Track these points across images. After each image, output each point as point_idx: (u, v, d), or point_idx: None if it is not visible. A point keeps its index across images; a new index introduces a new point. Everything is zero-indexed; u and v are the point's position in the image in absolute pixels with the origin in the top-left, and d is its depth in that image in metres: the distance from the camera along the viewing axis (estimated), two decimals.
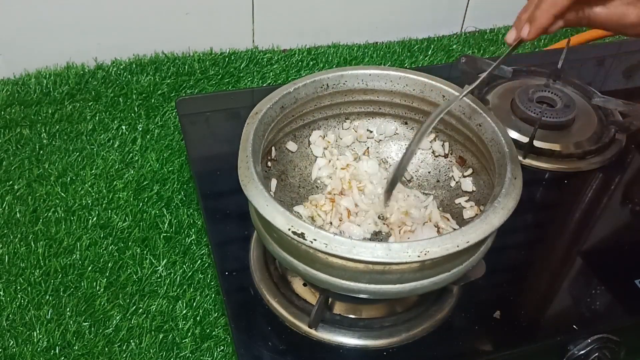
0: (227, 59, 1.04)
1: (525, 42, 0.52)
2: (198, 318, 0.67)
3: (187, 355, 0.64)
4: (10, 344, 0.64)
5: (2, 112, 0.91)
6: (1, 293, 0.68)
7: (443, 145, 0.67)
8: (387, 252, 0.47)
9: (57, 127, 0.89)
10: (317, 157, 0.67)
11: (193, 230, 0.76)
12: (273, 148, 0.64)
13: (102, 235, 0.75)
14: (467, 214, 0.62)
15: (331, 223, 0.63)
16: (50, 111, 0.91)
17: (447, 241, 0.48)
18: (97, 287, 0.69)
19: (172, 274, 0.71)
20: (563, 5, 0.48)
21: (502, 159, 0.55)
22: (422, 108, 0.65)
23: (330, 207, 0.64)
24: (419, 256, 0.47)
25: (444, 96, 0.62)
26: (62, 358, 0.64)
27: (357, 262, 0.48)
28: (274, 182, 0.63)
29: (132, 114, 0.92)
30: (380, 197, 0.64)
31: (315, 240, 0.47)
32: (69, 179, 0.81)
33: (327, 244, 0.47)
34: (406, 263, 0.48)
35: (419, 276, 0.51)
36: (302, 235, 0.47)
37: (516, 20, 0.51)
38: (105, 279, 0.70)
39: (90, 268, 0.71)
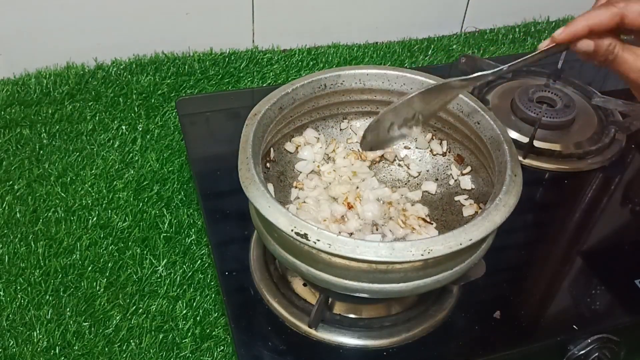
0: (227, 59, 1.04)
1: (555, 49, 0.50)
2: (198, 318, 0.67)
3: (187, 355, 0.64)
4: (10, 344, 0.64)
5: (2, 112, 0.91)
6: (1, 293, 0.68)
7: (441, 144, 0.67)
8: (390, 252, 0.47)
9: (57, 127, 0.89)
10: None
11: (193, 230, 0.76)
12: (272, 149, 0.64)
13: (102, 235, 0.75)
14: (467, 211, 0.62)
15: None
16: (50, 111, 0.91)
17: (450, 239, 0.48)
18: (97, 287, 0.69)
19: (172, 274, 0.71)
20: (600, 20, 0.48)
21: (501, 157, 0.55)
22: None
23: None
24: (422, 255, 0.47)
25: None
26: (62, 358, 0.64)
27: (361, 262, 0.48)
28: (271, 187, 0.62)
29: (132, 114, 0.92)
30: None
31: (318, 240, 0.47)
32: (69, 179, 0.81)
33: (331, 244, 0.47)
34: (410, 262, 0.48)
35: (421, 275, 0.51)
36: (305, 236, 0.47)
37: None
38: (105, 279, 0.70)
39: (90, 268, 0.71)
